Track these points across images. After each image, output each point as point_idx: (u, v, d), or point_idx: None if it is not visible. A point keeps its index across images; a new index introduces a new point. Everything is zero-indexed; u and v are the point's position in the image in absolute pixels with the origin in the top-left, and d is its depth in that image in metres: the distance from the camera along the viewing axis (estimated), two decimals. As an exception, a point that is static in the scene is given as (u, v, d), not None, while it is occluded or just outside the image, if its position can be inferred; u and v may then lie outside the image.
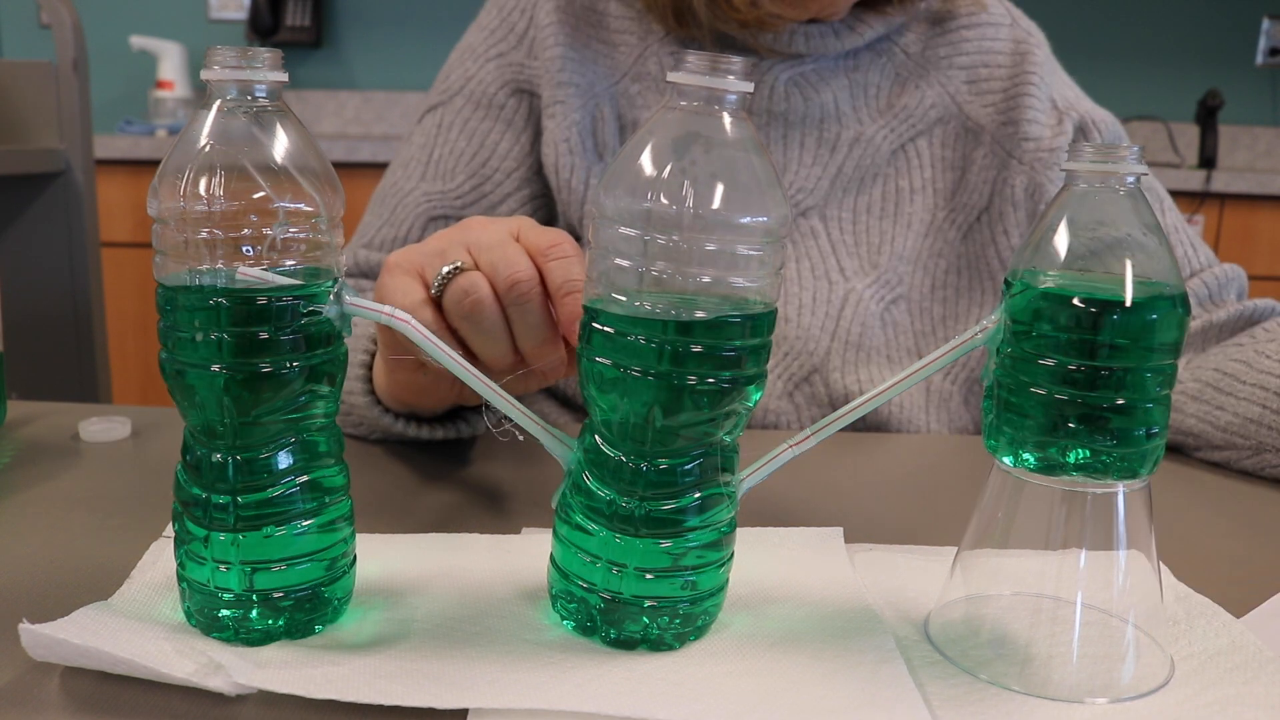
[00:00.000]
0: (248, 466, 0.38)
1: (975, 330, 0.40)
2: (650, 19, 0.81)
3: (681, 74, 0.37)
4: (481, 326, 0.51)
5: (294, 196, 0.37)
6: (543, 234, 0.52)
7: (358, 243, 0.82)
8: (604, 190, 0.38)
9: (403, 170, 0.82)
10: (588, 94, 0.80)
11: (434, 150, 0.82)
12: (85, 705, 0.35)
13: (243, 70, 0.37)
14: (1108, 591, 0.40)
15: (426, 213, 0.80)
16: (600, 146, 0.80)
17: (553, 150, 0.78)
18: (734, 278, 0.37)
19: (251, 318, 0.37)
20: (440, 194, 0.80)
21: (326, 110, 2.81)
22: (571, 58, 0.80)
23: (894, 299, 0.80)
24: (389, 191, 0.82)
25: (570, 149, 0.78)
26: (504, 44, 0.82)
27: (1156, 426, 0.38)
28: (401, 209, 0.80)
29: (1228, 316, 0.74)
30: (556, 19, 0.80)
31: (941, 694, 0.38)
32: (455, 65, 0.84)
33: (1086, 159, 0.38)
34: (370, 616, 0.42)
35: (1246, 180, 2.30)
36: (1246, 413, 0.66)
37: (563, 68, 0.79)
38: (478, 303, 0.50)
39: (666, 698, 0.36)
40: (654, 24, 0.81)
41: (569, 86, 0.79)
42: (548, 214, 0.82)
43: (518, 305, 0.50)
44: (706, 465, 0.39)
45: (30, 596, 0.43)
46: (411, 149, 0.83)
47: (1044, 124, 0.80)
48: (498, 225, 0.53)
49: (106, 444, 0.65)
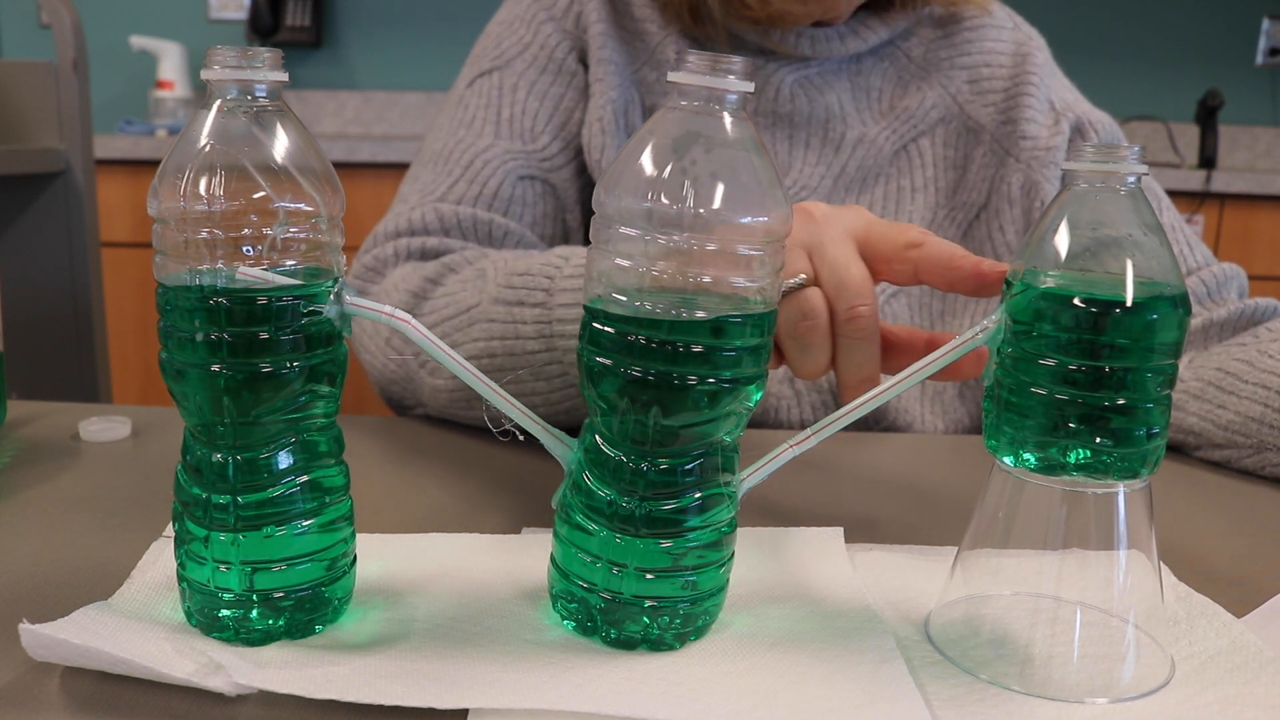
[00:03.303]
0: (248, 466, 0.38)
1: (976, 330, 0.40)
2: (667, 17, 0.82)
3: (682, 74, 0.37)
4: (807, 348, 0.50)
5: (294, 196, 0.37)
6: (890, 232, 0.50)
7: (426, 199, 0.78)
8: (604, 190, 0.38)
9: (467, 129, 0.80)
10: (622, 74, 0.80)
11: (502, 110, 0.80)
12: (85, 705, 0.35)
13: (243, 70, 0.37)
14: (1108, 591, 0.40)
15: (515, 171, 0.78)
16: (630, 128, 0.80)
17: (588, 129, 0.79)
18: (734, 278, 0.37)
19: (251, 318, 0.37)
20: (524, 153, 0.79)
21: (326, 110, 2.81)
22: (611, 35, 0.80)
23: (894, 293, 0.81)
24: (455, 149, 0.79)
25: (603, 128, 0.78)
26: (552, 10, 0.82)
27: (1157, 426, 0.38)
28: (481, 165, 0.78)
29: (1229, 314, 0.75)
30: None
31: (942, 694, 0.38)
32: (504, 35, 0.83)
33: (1087, 159, 0.38)
34: (370, 616, 0.42)
35: (1246, 180, 2.30)
36: (1248, 411, 0.67)
37: (604, 44, 0.80)
38: (812, 329, 0.49)
39: (667, 698, 0.36)
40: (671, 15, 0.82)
41: (609, 64, 0.79)
42: None
43: (851, 337, 0.49)
44: (707, 465, 0.39)
45: (30, 596, 0.43)
46: (470, 111, 0.81)
47: (1041, 124, 0.81)
48: (843, 226, 0.51)
49: (106, 444, 0.65)
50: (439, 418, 0.72)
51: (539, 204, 0.79)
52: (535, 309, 0.62)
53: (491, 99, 0.81)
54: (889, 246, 0.50)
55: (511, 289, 0.64)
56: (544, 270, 0.63)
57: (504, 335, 0.63)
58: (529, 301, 0.63)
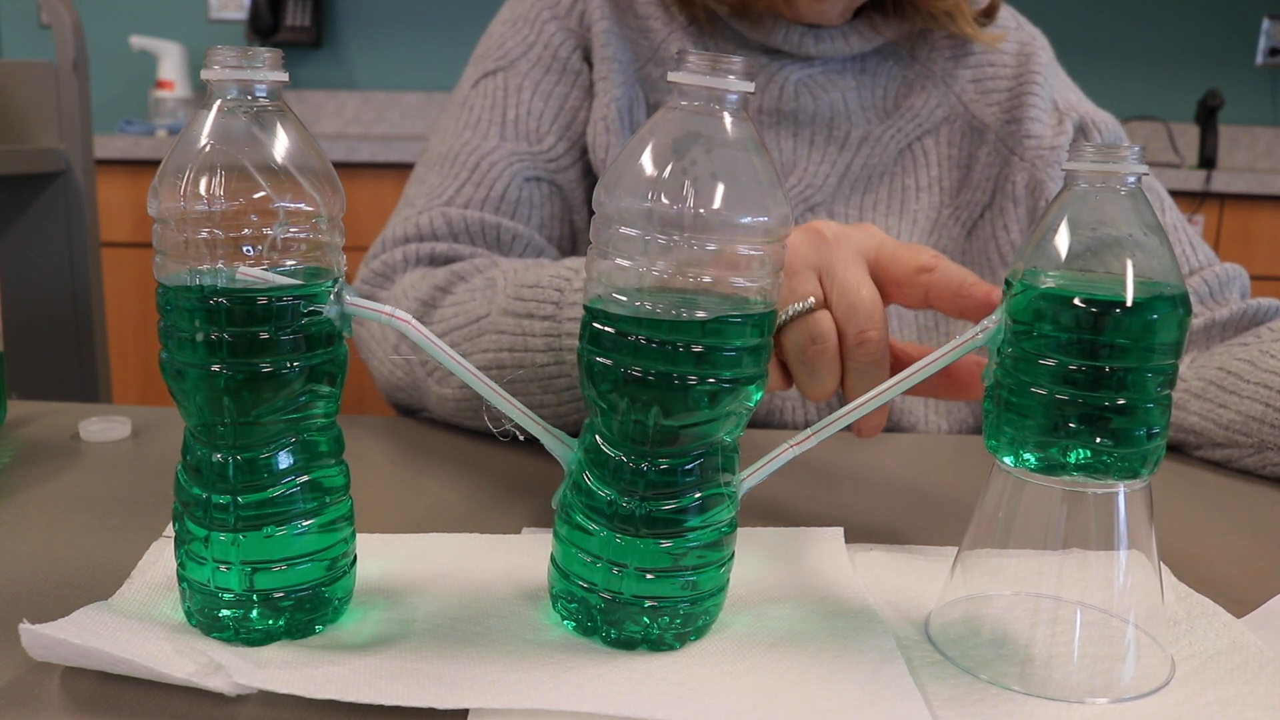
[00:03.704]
0: (248, 466, 0.38)
1: (977, 330, 0.40)
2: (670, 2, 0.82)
3: (682, 74, 0.37)
4: (815, 371, 0.49)
5: (294, 196, 0.37)
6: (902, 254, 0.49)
7: (434, 203, 0.78)
8: (604, 190, 0.38)
9: (472, 131, 0.80)
10: (626, 72, 0.80)
11: (507, 111, 0.80)
12: (85, 705, 0.35)
13: (243, 70, 0.37)
14: (1108, 591, 0.40)
15: (521, 172, 0.78)
16: (635, 126, 0.80)
17: (593, 128, 0.79)
18: (735, 278, 0.37)
19: (251, 318, 0.37)
20: (530, 154, 0.78)
21: (326, 110, 2.81)
22: (615, 33, 0.80)
23: None
24: (461, 151, 0.79)
25: (608, 127, 0.78)
26: (556, 9, 0.82)
27: (1157, 426, 0.38)
28: (487, 168, 0.77)
29: (1231, 314, 0.75)
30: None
31: (942, 694, 0.38)
32: (508, 35, 0.83)
33: (1087, 159, 0.38)
34: (370, 616, 0.42)
35: (1246, 180, 2.29)
36: (1250, 411, 0.67)
37: (607, 42, 0.80)
38: (821, 354, 0.48)
39: (667, 698, 0.36)
40: (676, 13, 0.82)
41: (613, 62, 0.79)
42: None
43: (860, 360, 0.48)
44: (707, 465, 0.39)
45: (30, 596, 0.43)
46: (474, 113, 0.81)
47: (1045, 123, 0.82)
48: (854, 247, 0.50)
49: (106, 444, 0.65)
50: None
51: (546, 205, 0.79)
52: (545, 321, 0.62)
53: (497, 100, 0.80)
54: (901, 270, 0.50)
55: (521, 300, 0.63)
56: (554, 283, 0.63)
57: (513, 347, 0.63)
58: (539, 314, 0.62)
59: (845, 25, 0.82)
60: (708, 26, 0.82)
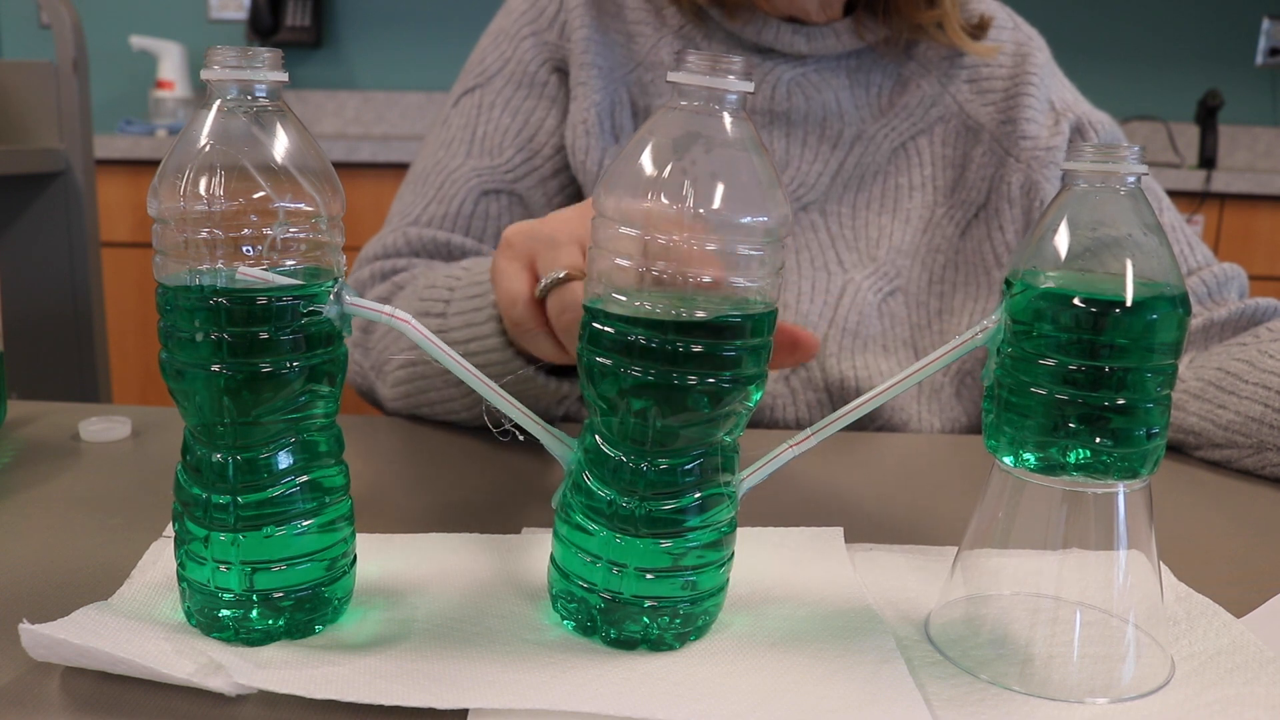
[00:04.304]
0: (248, 466, 0.38)
1: (976, 330, 0.40)
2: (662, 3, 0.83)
3: (682, 74, 0.37)
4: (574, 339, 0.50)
5: (294, 196, 0.37)
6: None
7: (402, 223, 0.82)
8: (604, 189, 0.38)
9: (445, 150, 0.83)
10: (609, 77, 0.81)
11: (477, 129, 0.83)
12: (85, 705, 0.35)
13: (243, 70, 0.37)
14: (1108, 591, 0.40)
15: (478, 187, 0.81)
16: (616, 129, 0.81)
17: (571, 131, 0.80)
18: (734, 278, 0.37)
19: (251, 318, 0.37)
20: (489, 168, 0.81)
21: (326, 110, 2.81)
22: (596, 40, 0.81)
23: (891, 291, 0.81)
24: (432, 170, 0.83)
25: (587, 130, 0.80)
26: (537, 24, 0.84)
27: (1157, 426, 0.38)
28: (450, 185, 0.81)
29: (1229, 314, 0.75)
30: (584, 2, 0.82)
31: (942, 694, 0.38)
32: (489, 50, 0.85)
33: (1087, 159, 0.38)
34: (370, 616, 0.42)
35: (1246, 180, 2.29)
36: (1249, 411, 0.67)
37: (586, 49, 0.81)
38: (574, 322, 0.49)
39: (666, 698, 0.36)
40: (668, 16, 0.83)
41: (592, 68, 0.81)
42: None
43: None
44: (707, 465, 0.39)
45: (30, 596, 0.43)
46: (450, 131, 0.84)
47: (1041, 124, 0.82)
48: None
49: (106, 444, 0.65)
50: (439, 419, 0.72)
51: (505, 215, 0.82)
52: (436, 319, 0.66)
53: (470, 118, 0.83)
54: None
55: (421, 301, 0.68)
56: (446, 282, 0.67)
57: (413, 346, 0.65)
58: (432, 312, 0.67)
59: (837, 24, 0.81)
60: (699, 27, 0.82)
